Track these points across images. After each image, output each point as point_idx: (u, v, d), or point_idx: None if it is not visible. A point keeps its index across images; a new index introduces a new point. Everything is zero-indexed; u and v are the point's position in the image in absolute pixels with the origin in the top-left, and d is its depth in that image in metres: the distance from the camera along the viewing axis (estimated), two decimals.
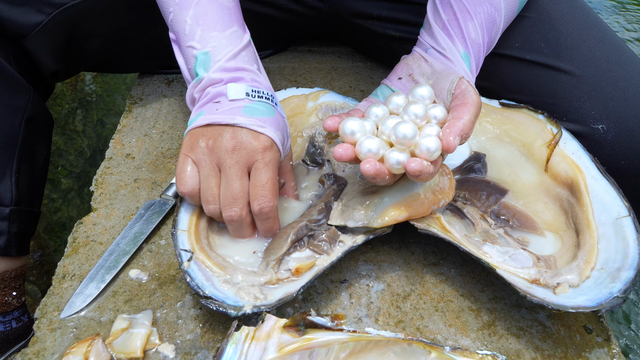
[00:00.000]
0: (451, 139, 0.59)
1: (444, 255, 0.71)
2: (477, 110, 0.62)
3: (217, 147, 0.62)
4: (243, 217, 0.63)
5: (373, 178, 0.60)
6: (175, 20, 0.69)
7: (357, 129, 0.61)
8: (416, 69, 0.72)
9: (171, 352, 0.59)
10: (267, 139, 0.63)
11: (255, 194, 0.62)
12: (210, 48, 0.67)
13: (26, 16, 0.77)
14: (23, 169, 0.79)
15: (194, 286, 0.59)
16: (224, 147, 0.62)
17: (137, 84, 0.98)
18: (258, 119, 0.63)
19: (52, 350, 0.59)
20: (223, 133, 0.62)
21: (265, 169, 0.62)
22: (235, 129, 0.63)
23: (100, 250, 0.70)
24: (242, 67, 0.67)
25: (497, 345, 0.61)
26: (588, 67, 0.77)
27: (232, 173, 0.62)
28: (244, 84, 0.66)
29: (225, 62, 0.66)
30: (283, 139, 0.65)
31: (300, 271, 0.63)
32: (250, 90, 0.65)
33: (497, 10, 0.72)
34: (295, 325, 0.56)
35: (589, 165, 0.71)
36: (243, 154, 0.62)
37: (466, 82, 0.66)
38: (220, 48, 0.67)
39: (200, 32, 0.67)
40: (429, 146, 0.59)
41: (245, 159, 0.62)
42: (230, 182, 0.62)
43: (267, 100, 0.66)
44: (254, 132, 0.62)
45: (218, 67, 0.66)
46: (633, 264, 0.61)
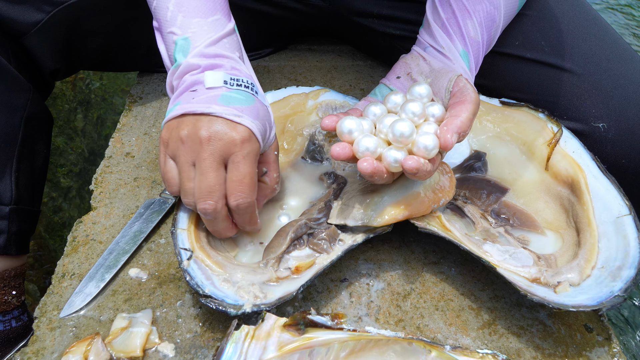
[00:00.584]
0: (449, 137, 0.59)
1: (444, 254, 0.71)
2: (475, 107, 0.62)
3: (191, 138, 0.59)
4: (218, 210, 0.60)
5: (371, 176, 0.60)
6: (158, 7, 0.67)
7: (354, 128, 0.61)
8: (415, 67, 0.72)
9: (171, 351, 0.59)
10: (245, 129, 0.59)
11: (233, 189, 0.60)
12: (190, 33, 0.64)
13: (26, 14, 0.76)
14: (23, 167, 0.79)
15: (193, 285, 0.59)
16: (198, 137, 0.59)
17: (137, 82, 0.98)
18: (235, 108, 0.60)
19: (52, 350, 0.59)
20: (197, 123, 0.59)
21: (243, 162, 0.59)
22: (211, 118, 0.59)
23: (99, 249, 0.69)
24: (221, 53, 0.64)
25: (498, 344, 0.61)
26: (589, 65, 0.77)
27: (207, 165, 0.59)
28: (222, 71, 0.63)
29: (205, 48, 0.64)
30: (264, 128, 0.62)
31: (301, 269, 0.63)
32: (229, 78, 0.62)
33: (496, 8, 0.72)
34: (295, 324, 0.56)
35: (590, 164, 0.71)
36: (218, 145, 0.59)
37: (464, 79, 0.65)
38: (200, 34, 0.64)
39: (181, 18, 0.65)
40: (427, 144, 0.59)
41: (220, 150, 0.59)
42: (204, 175, 0.59)
43: (246, 88, 0.63)
44: (230, 121, 0.59)
45: (196, 52, 0.64)
46: (634, 262, 0.61)
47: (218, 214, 0.61)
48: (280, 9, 0.95)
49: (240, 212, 0.61)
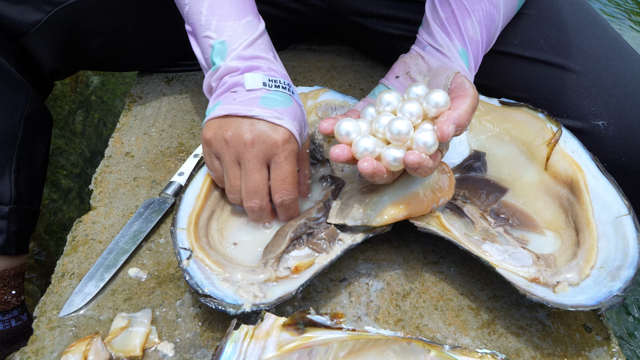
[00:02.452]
0: (445, 128, 0.58)
1: (444, 253, 0.71)
2: (473, 102, 0.62)
3: (235, 140, 0.63)
4: (264, 207, 0.66)
5: (371, 176, 0.60)
6: (190, 12, 0.70)
7: (352, 130, 0.61)
8: (413, 66, 0.72)
9: (170, 350, 0.59)
10: (286, 131, 0.63)
11: (277, 188, 0.64)
12: (226, 37, 0.67)
13: (25, 14, 0.76)
14: (22, 167, 0.79)
15: (193, 284, 0.59)
16: (243, 140, 0.62)
17: (137, 82, 0.98)
18: (275, 110, 0.63)
19: (51, 349, 0.59)
20: (241, 125, 0.63)
21: (286, 162, 0.63)
22: (253, 120, 0.63)
23: (99, 249, 0.69)
24: (258, 55, 0.67)
25: (497, 344, 0.61)
26: (588, 63, 0.77)
27: (252, 166, 0.63)
28: (261, 73, 0.66)
29: (242, 51, 0.67)
30: (300, 128, 0.66)
31: (300, 269, 0.63)
32: (267, 79, 0.66)
33: (495, 7, 0.72)
34: (294, 323, 0.56)
35: (589, 164, 0.71)
36: (262, 147, 0.63)
37: (462, 76, 0.65)
38: (236, 37, 0.67)
39: (216, 22, 0.68)
40: (426, 140, 0.58)
41: (264, 152, 0.63)
42: (250, 175, 0.63)
43: (284, 89, 0.66)
44: (271, 124, 0.63)
45: (235, 55, 0.67)
46: (633, 262, 0.61)
47: (263, 211, 0.66)
48: (280, 9, 0.95)
49: (285, 208, 0.66)
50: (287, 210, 0.67)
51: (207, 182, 0.69)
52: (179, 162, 0.82)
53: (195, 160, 0.79)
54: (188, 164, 0.78)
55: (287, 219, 0.68)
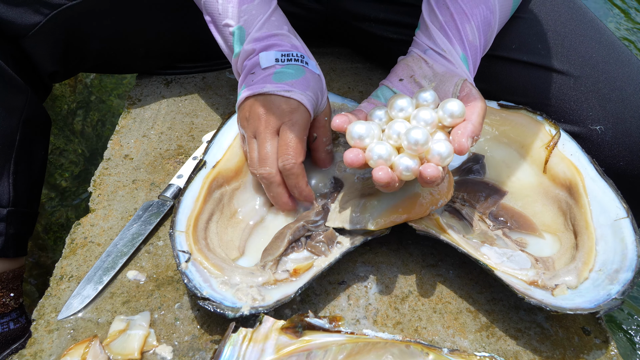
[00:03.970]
0: (464, 141, 0.59)
1: (442, 256, 0.71)
2: (484, 112, 0.63)
3: (252, 117, 0.67)
4: (272, 175, 0.66)
5: (385, 186, 0.59)
6: (207, 2, 0.72)
7: (364, 134, 0.61)
8: (417, 70, 0.72)
9: (169, 353, 0.59)
10: (294, 102, 0.65)
11: (280, 153, 0.65)
12: (242, 22, 0.70)
13: (24, 17, 0.76)
14: (20, 169, 0.79)
15: (191, 287, 0.59)
16: (257, 115, 0.67)
17: (136, 84, 0.97)
18: (286, 84, 0.66)
19: (50, 352, 0.59)
20: (256, 102, 0.67)
21: (291, 129, 0.65)
22: (266, 97, 0.66)
23: (98, 252, 0.69)
24: (272, 33, 0.70)
25: (495, 347, 0.61)
26: (585, 67, 0.77)
27: (262, 136, 0.66)
28: (275, 50, 0.69)
29: (256, 32, 0.69)
30: (315, 97, 0.68)
31: (299, 272, 0.63)
32: (280, 55, 0.68)
33: (492, 12, 0.72)
34: (293, 326, 0.56)
35: (588, 167, 0.71)
36: (272, 119, 0.66)
37: (469, 84, 0.66)
38: (251, 19, 0.70)
39: (231, 9, 0.70)
40: (441, 151, 0.58)
41: (274, 123, 0.66)
42: (261, 145, 0.66)
43: (297, 61, 0.68)
44: (281, 97, 0.66)
45: (250, 38, 0.69)
46: (631, 265, 0.61)
47: (272, 179, 0.66)
48: None
49: (287, 174, 0.66)
50: (290, 177, 0.66)
51: (205, 185, 0.69)
52: (177, 164, 0.82)
53: (194, 162, 0.78)
54: (187, 166, 0.78)
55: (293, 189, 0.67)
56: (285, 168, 0.65)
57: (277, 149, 0.66)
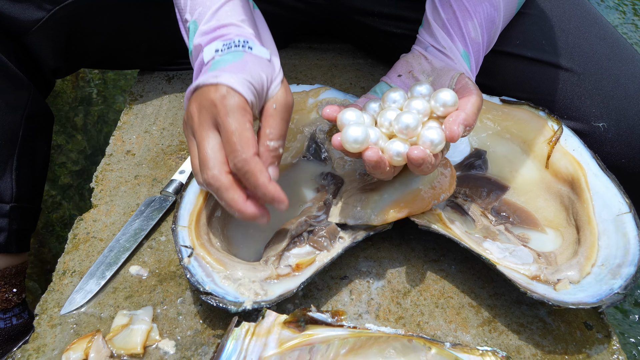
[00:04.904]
0: (455, 128, 0.58)
1: (445, 251, 0.71)
2: (479, 102, 0.62)
3: (188, 119, 0.58)
4: (216, 178, 0.54)
5: (374, 167, 0.58)
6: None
7: (354, 119, 0.61)
8: (416, 66, 0.72)
9: (171, 348, 0.59)
10: (223, 87, 0.55)
11: (227, 153, 0.55)
12: (197, 15, 0.63)
13: (26, 13, 0.76)
14: (23, 165, 0.79)
15: (194, 282, 0.59)
16: (189, 114, 0.57)
17: (138, 80, 0.98)
18: (216, 71, 0.57)
19: (53, 347, 0.59)
20: (190, 102, 0.58)
21: (227, 120, 0.54)
22: (197, 91, 0.57)
23: (100, 247, 0.70)
24: (220, 24, 0.61)
25: (498, 342, 0.61)
26: (589, 64, 0.77)
27: (199, 137, 0.56)
28: (217, 41, 0.60)
29: (204, 25, 0.62)
30: (254, 80, 0.57)
31: (301, 267, 0.63)
32: (221, 45, 0.60)
33: (496, 10, 0.72)
34: (295, 321, 0.56)
35: (590, 162, 0.71)
36: (203, 113, 0.56)
37: (466, 77, 0.65)
38: (204, 11, 0.63)
39: (190, 2, 0.64)
40: (432, 137, 0.58)
41: (207, 117, 0.56)
42: (199, 147, 0.56)
43: (236, 47, 0.59)
44: (209, 86, 0.56)
45: (198, 32, 0.62)
46: (634, 260, 0.61)
47: (218, 183, 0.54)
48: (281, 7, 0.95)
49: (241, 175, 0.54)
50: (245, 176, 0.54)
51: None
52: (180, 160, 0.82)
53: None
54: (189, 162, 0.78)
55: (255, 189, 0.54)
56: (237, 167, 0.54)
57: (216, 148, 0.55)
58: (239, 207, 0.54)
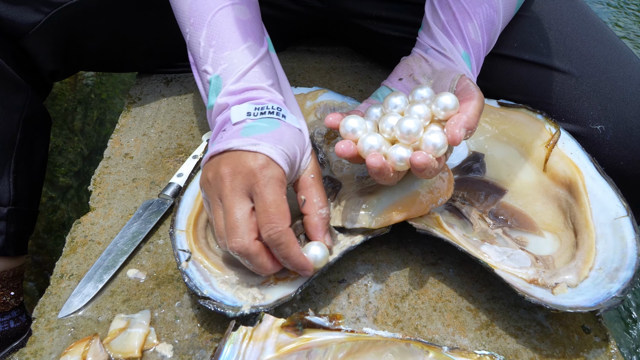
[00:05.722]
0: (457, 132, 0.58)
1: (442, 255, 0.71)
2: (480, 104, 0.62)
3: (214, 178, 0.58)
4: (246, 246, 0.56)
5: (378, 173, 0.58)
6: (191, 42, 0.66)
7: (357, 127, 0.61)
8: (417, 69, 0.72)
9: (169, 352, 0.59)
10: (262, 156, 0.56)
11: (261, 222, 0.56)
12: (220, 71, 0.63)
13: (24, 15, 0.76)
14: (21, 168, 0.79)
15: (192, 286, 0.59)
16: (220, 175, 0.57)
17: (136, 83, 0.98)
18: (253, 138, 0.58)
19: (50, 350, 0.59)
20: (220, 161, 0.58)
21: (265, 191, 0.56)
22: (230, 154, 0.58)
23: (98, 250, 0.69)
24: (249, 86, 0.62)
25: (495, 345, 0.61)
26: (587, 67, 0.77)
27: (229, 202, 0.56)
28: (248, 103, 0.61)
29: (232, 85, 0.62)
30: (290, 152, 0.59)
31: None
32: (253, 108, 0.61)
33: (495, 11, 0.72)
34: (293, 325, 0.56)
35: (588, 165, 0.71)
36: (239, 179, 0.56)
37: (467, 79, 0.65)
38: (230, 69, 0.63)
39: (212, 54, 0.64)
40: (435, 142, 0.58)
41: (242, 184, 0.56)
42: (228, 212, 0.56)
43: (271, 114, 0.60)
44: (248, 152, 0.57)
45: (224, 91, 0.62)
46: (631, 264, 0.61)
47: (248, 251, 0.56)
48: (279, 10, 0.95)
49: (274, 245, 0.56)
50: (278, 249, 0.56)
51: None
52: (178, 163, 0.82)
53: (194, 161, 0.79)
54: (187, 165, 0.78)
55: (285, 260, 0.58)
56: (271, 239, 0.55)
57: (247, 215, 0.56)
58: (269, 270, 0.58)
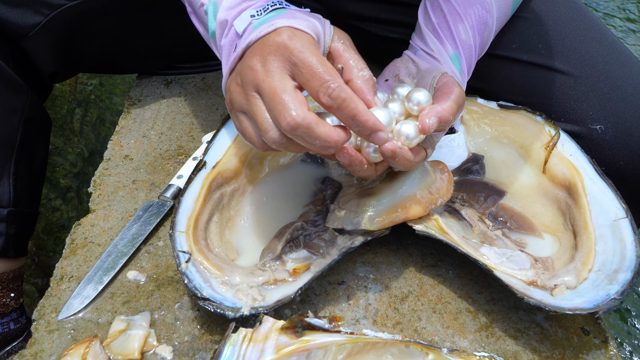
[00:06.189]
0: (427, 120, 0.57)
1: (442, 256, 0.71)
2: (458, 98, 0.60)
3: (247, 77, 0.53)
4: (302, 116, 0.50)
5: (349, 165, 0.57)
6: None
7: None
8: (403, 70, 0.72)
9: (169, 353, 0.59)
10: (285, 29, 0.53)
11: (313, 88, 0.51)
12: None
13: (24, 17, 0.77)
14: (21, 170, 0.79)
15: (191, 288, 0.59)
16: (250, 68, 0.53)
17: (136, 85, 0.98)
18: (266, 24, 0.55)
19: (50, 352, 0.59)
20: (244, 61, 0.55)
21: (304, 56, 0.51)
22: (250, 48, 0.55)
23: (98, 252, 0.69)
24: None
25: (495, 347, 0.62)
26: (586, 67, 0.77)
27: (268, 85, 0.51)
28: (249, 9, 0.58)
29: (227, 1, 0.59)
30: (309, 22, 0.56)
31: (298, 272, 0.63)
32: (255, 12, 0.57)
33: (488, 12, 0.72)
34: (292, 327, 0.56)
35: (587, 167, 0.71)
36: (271, 60, 0.52)
37: (448, 76, 0.65)
38: None
39: None
40: (408, 132, 0.58)
41: (277, 62, 0.52)
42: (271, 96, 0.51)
43: (274, 6, 0.57)
44: (267, 35, 0.53)
45: (222, 8, 0.59)
46: (630, 265, 0.61)
47: (306, 121, 0.50)
48: None
49: (337, 105, 0.51)
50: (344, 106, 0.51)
51: (205, 185, 0.69)
52: (177, 164, 0.82)
53: (194, 163, 0.79)
54: (187, 166, 0.78)
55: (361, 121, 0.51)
56: (332, 97, 0.50)
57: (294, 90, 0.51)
58: (334, 137, 0.51)
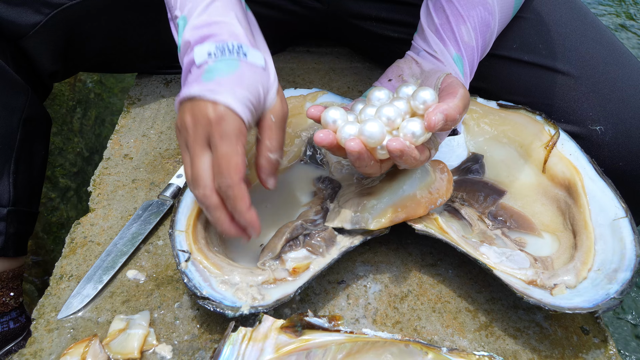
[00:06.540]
0: (433, 117, 0.57)
1: (442, 256, 0.71)
2: (463, 98, 0.61)
3: (182, 127, 0.58)
4: (207, 197, 0.56)
5: (358, 159, 0.58)
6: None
7: (338, 118, 0.61)
8: (407, 70, 0.72)
9: (168, 352, 0.59)
10: (219, 106, 0.55)
11: (215, 173, 0.56)
12: (186, 11, 0.61)
13: (24, 16, 0.76)
14: (21, 169, 0.79)
15: (191, 287, 0.59)
16: (184, 125, 0.57)
17: (136, 84, 0.98)
18: (212, 83, 0.56)
19: (50, 351, 0.59)
20: (185, 109, 0.57)
21: (220, 144, 0.55)
22: (193, 102, 0.57)
23: (97, 251, 0.69)
24: (212, 20, 0.59)
25: (494, 346, 0.62)
26: (586, 68, 0.77)
27: (193, 152, 0.57)
28: (209, 42, 0.58)
29: (195, 19, 0.59)
30: (252, 94, 0.57)
31: (298, 271, 0.63)
32: (214, 48, 0.58)
33: (490, 14, 0.72)
34: (292, 326, 0.56)
35: (587, 167, 0.71)
36: (199, 129, 0.56)
37: (453, 77, 0.65)
38: (194, 6, 0.60)
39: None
40: (414, 129, 0.58)
41: (202, 134, 0.56)
42: (193, 163, 0.57)
43: (230, 53, 0.58)
44: (207, 101, 0.55)
45: (188, 27, 0.60)
46: (630, 265, 0.61)
47: (208, 202, 0.57)
48: (279, 11, 0.95)
49: (225, 197, 0.56)
50: (228, 201, 0.56)
51: None
52: (177, 164, 0.82)
53: None
54: None
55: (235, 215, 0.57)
56: (221, 190, 0.56)
57: (209, 166, 0.56)
58: (225, 226, 0.58)
